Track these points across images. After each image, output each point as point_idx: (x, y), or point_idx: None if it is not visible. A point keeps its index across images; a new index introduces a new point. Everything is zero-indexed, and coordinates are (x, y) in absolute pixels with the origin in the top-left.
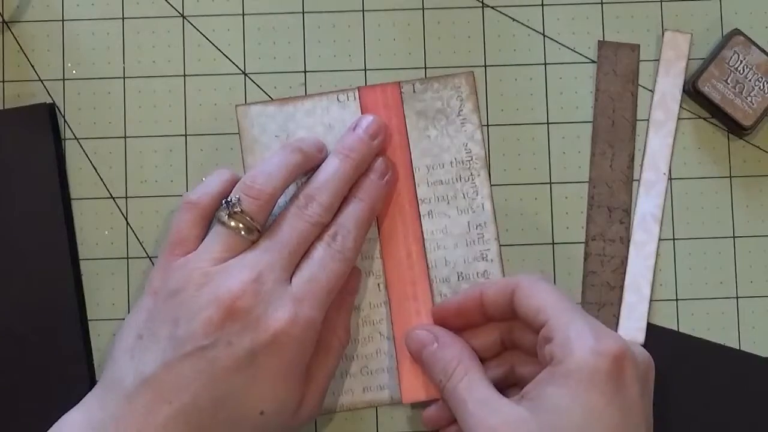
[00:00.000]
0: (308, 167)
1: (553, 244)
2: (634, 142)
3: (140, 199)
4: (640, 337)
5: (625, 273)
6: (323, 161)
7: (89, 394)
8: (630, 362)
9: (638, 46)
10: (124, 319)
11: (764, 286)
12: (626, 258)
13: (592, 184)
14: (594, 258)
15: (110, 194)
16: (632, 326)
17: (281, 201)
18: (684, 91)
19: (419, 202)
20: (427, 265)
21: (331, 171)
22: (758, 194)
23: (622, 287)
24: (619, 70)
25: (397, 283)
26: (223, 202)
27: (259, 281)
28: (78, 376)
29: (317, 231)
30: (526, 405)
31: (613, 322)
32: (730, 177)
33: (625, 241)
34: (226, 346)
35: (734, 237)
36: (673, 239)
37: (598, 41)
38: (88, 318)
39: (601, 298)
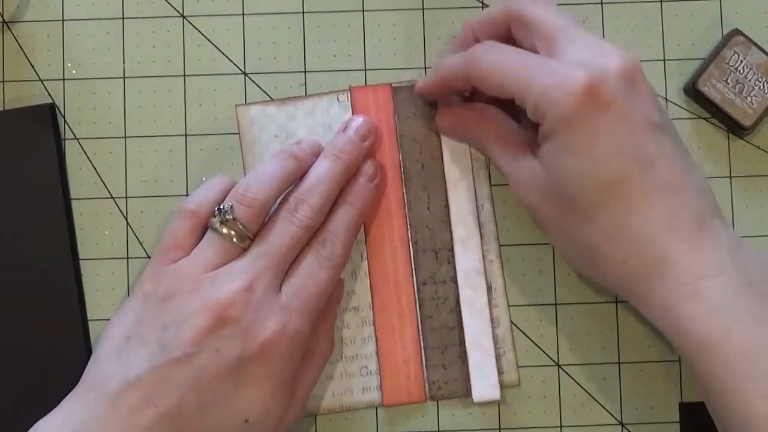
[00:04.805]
0: (303, 173)
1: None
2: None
3: (140, 199)
4: (496, 393)
5: (461, 312)
6: None
7: (70, 395)
8: (598, 87)
9: None
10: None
11: None
12: (460, 297)
13: (413, 230)
14: (429, 302)
15: (110, 194)
16: (485, 384)
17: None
18: (684, 91)
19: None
20: (413, 268)
21: (321, 173)
22: (758, 194)
23: (461, 327)
24: (419, 112)
25: (381, 286)
26: (216, 209)
27: (249, 290)
28: (78, 377)
29: (308, 235)
30: (540, 159)
31: (460, 362)
32: (730, 177)
33: (456, 280)
34: (214, 354)
35: None
36: None
37: (391, 85)
38: (88, 318)
39: (443, 341)
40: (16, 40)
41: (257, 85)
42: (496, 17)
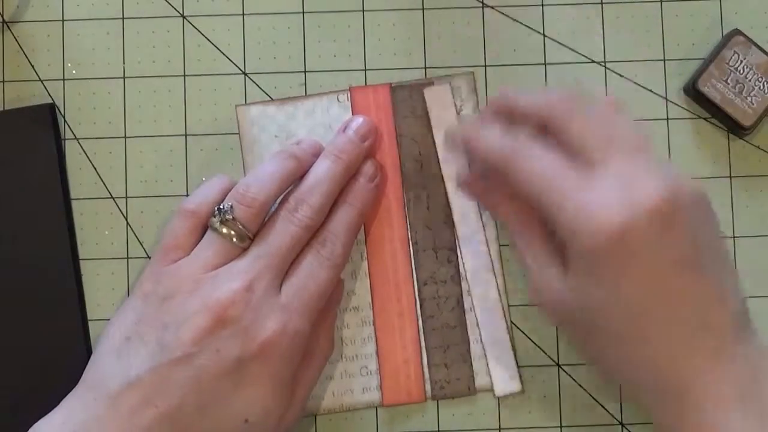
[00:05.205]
0: (303, 173)
1: None
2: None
3: (140, 199)
4: (517, 385)
5: (463, 312)
6: None
7: (70, 394)
8: (627, 233)
9: (432, 83)
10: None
11: (764, 286)
12: (461, 296)
13: (413, 230)
14: (430, 302)
15: (110, 194)
16: (506, 377)
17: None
18: (684, 91)
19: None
20: (413, 268)
21: (321, 173)
22: (758, 194)
23: (463, 326)
24: (418, 112)
25: (381, 286)
26: (216, 209)
27: (249, 290)
28: (78, 377)
29: (308, 235)
30: (565, 275)
31: (462, 361)
32: (730, 177)
33: (456, 279)
34: (214, 354)
35: (734, 237)
36: None
37: (390, 85)
38: (88, 318)
39: (445, 341)
40: (16, 40)
41: (257, 85)
42: (539, 110)
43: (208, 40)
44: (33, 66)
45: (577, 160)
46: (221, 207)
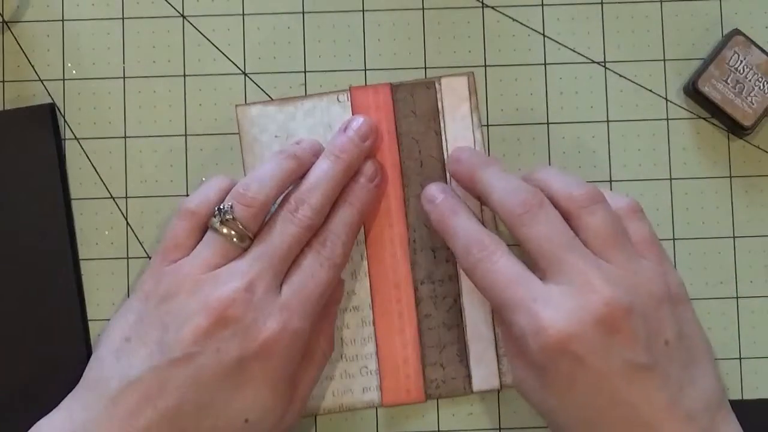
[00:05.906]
0: (303, 173)
1: None
2: (447, 178)
3: (140, 199)
4: (495, 381)
5: (460, 311)
6: None
7: (70, 395)
8: (570, 343)
9: (434, 82)
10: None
11: (764, 286)
12: (459, 295)
13: (412, 228)
14: (427, 301)
15: (110, 194)
16: (485, 373)
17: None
18: (684, 91)
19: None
20: (411, 268)
21: (321, 173)
22: (758, 194)
23: (459, 326)
24: (418, 111)
25: (381, 286)
26: (216, 209)
27: (249, 290)
28: (78, 377)
29: (308, 235)
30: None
31: (458, 361)
32: (730, 177)
33: (454, 278)
34: (214, 354)
35: (734, 237)
36: (673, 239)
37: (391, 85)
38: (88, 318)
39: (441, 340)
40: (16, 40)
41: (257, 85)
42: (501, 214)
43: (208, 40)
44: (33, 66)
45: (536, 264)
46: (221, 207)
